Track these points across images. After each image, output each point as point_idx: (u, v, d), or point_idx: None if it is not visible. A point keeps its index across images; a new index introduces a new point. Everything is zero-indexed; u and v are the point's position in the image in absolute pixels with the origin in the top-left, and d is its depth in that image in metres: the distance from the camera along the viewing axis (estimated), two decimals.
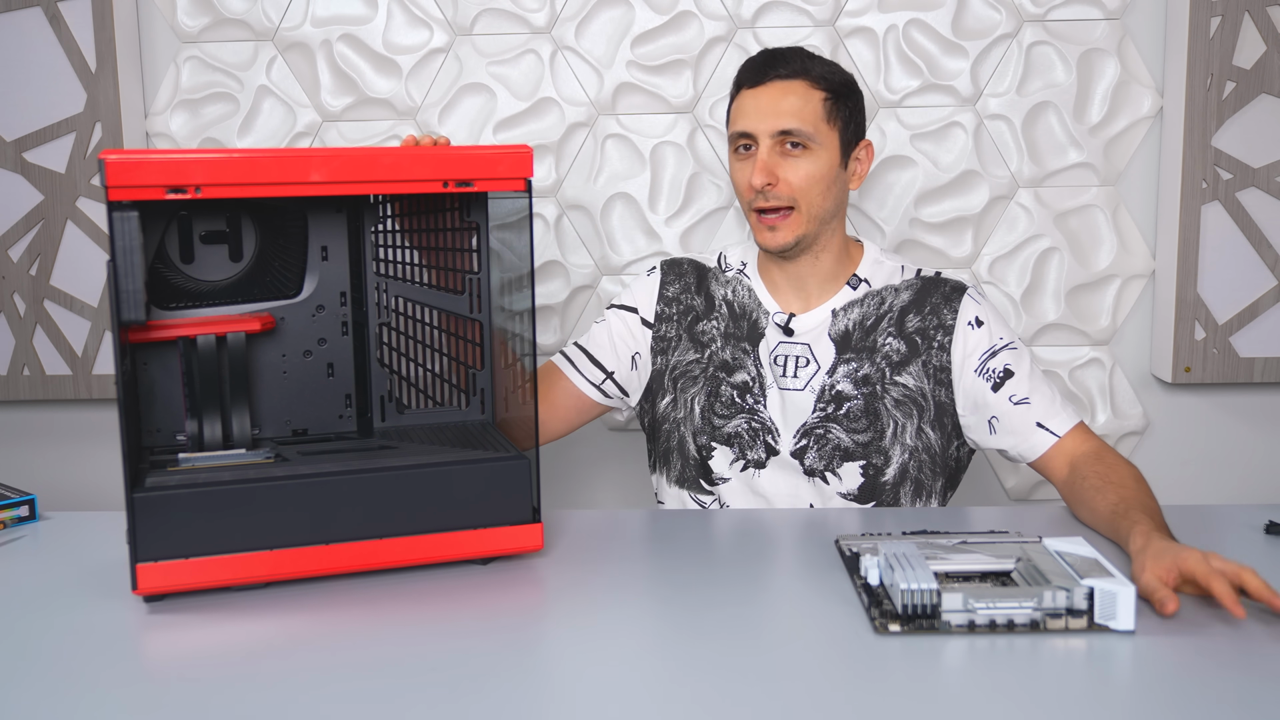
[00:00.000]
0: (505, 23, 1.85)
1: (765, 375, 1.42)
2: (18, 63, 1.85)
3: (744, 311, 1.46)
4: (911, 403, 1.39)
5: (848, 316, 1.42)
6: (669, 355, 1.48)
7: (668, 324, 1.49)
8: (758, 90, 1.38)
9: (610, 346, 1.50)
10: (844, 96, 1.39)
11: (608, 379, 1.49)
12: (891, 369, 1.39)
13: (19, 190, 1.88)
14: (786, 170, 1.36)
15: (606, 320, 1.52)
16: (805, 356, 1.41)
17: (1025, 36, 1.82)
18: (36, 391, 1.92)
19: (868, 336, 1.41)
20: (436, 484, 1.09)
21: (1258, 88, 1.78)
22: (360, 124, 1.89)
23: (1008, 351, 1.39)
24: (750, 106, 1.38)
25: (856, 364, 1.40)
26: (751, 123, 1.37)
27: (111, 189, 0.99)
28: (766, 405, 1.42)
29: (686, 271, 1.51)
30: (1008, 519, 1.28)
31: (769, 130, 1.36)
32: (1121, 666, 0.88)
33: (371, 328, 1.29)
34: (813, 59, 1.39)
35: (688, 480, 1.46)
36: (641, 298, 1.52)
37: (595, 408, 1.51)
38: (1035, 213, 1.86)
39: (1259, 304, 1.83)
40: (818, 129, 1.36)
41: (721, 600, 1.02)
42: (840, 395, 1.39)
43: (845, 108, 1.39)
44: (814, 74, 1.37)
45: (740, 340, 1.44)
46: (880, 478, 1.39)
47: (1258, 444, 1.91)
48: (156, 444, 1.22)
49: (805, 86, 1.37)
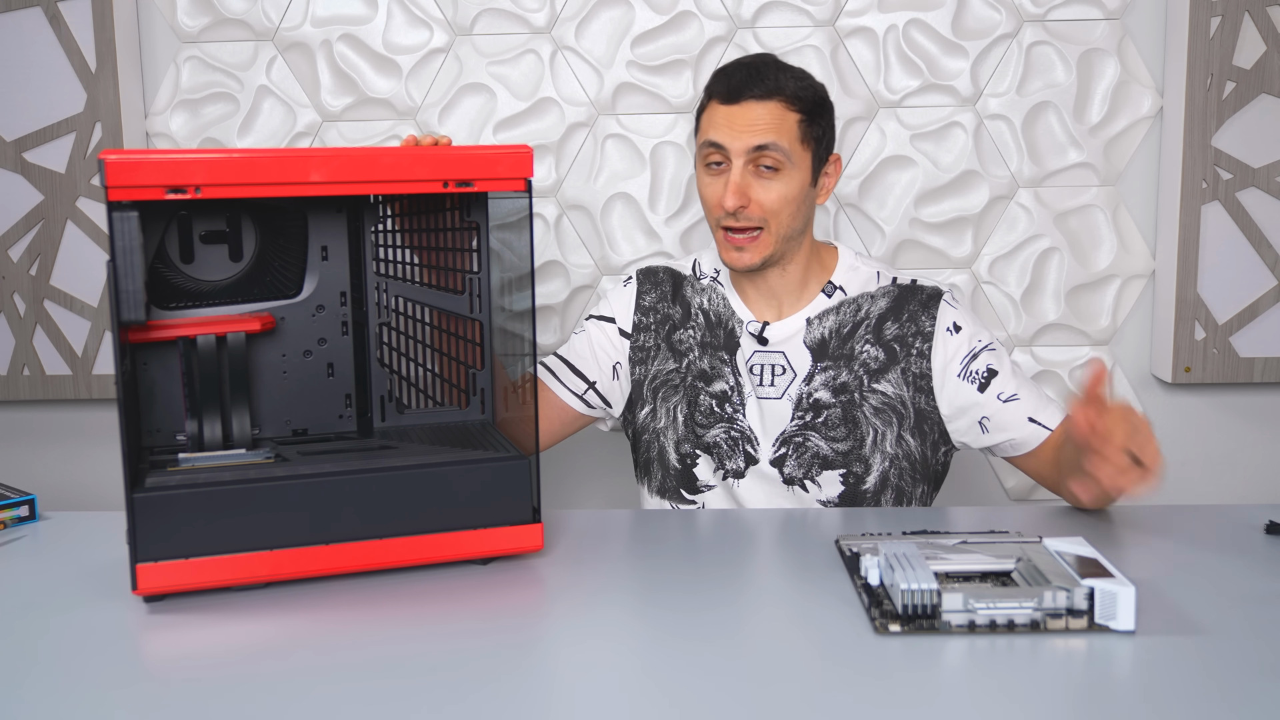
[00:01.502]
0: (505, 23, 1.85)
1: (744, 384, 1.42)
2: (18, 63, 1.85)
3: (720, 320, 1.45)
4: (891, 410, 1.39)
5: (823, 324, 1.41)
6: (648, 365, 1.47)
7: (646, 334, 1.48)
8: (732, 109, 1.35)
9: (591, 356, 1.49)
10: (817, 115, 1.38)
11: (590, 389, 1.48)
12: (870, 376, 1.39)
13: (19, 190, 1.88)
14: (758, 192, 1.35)
15: (586, 330, 1.50)
16: (781, 365, 1.41)
17: (1025, 36, 1.82)
18: (36, 391, 1.92)
19: (845, 344, 1.40)
20: (436, 484, 1.09)
21: (1258, 88, 1.78)
22: (360, 124, 1.89)
23: (987, 353, 1.40)
24: (723, 121, 1.36)
25: (834, 372, 1.40)
26: (724, 137, 1.35)
27: (111, 189, 0.99)
28: (745, 414, 1.41)
29: (662, 280, 1.50)
30: (1007, 519, 1.28)
31: (743, 148, 1.34)
32: (1121, 666, 0.88)
33: (371, 328, 1.29)
34: (786, 73, 1.36)
35: (669, 490, 1.46)
36: (619, 308, 1.50)
37: (579, 419, 1.50)
38: (1035, 213, 1.86)
39: (1259, 304, 1.83)
40: (792, 149, 1.35)
41: (722, 600, 1.02)
42: (818, 403, 1.39)
43: (819, 126, 1.38)
44: (788, 92, 1.35)
45: (717, 349, 1.44)
46: (861, 486, 1.39)
47: (1258, 444, 1.91)
48: (156, 444, 1.22)
49: (781, 108, 1.34)
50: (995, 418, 1.38)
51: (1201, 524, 1.25)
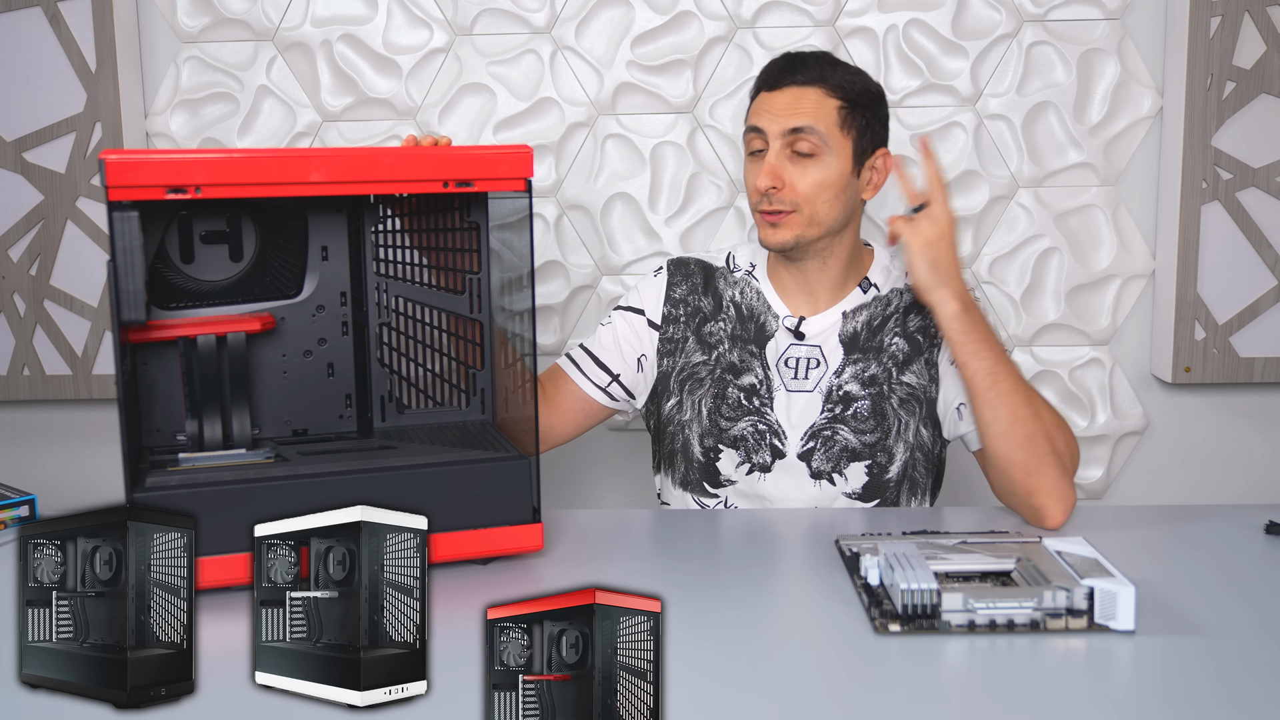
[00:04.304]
0: (505, 23, 1.85)
1: (773, 378, 1.42)
2: (18, 63, 1.85)
3: (752, 314, 1.45)
4: (915, 400, 1.39)
5: (857, 318, 1.42)
6: (676, 357, 1.47)
7: (675, 325, 1.47)
8: (773, 94, 1.37)
9: (616, 349, 1.48)
10: (862, 105, 1.37)
11: (614, 381, 1.48)
12: (897, 368, 1.39)
13: (19, 190, 1.88)
14: (793, 175, 1.35)
15: (612, 322, 1.49)
16: (816, 358, 1.41)
17: (1025, 36, 1.82)
18: (36, 391, 1.92)
19: (874, 337, 1.41)
20: (436, 484, 1.09)
21: (1258, 88, 1.78)
22: (360, 124, 1.89)
23: None
24: (764, 105, 1.38)
25: (864, 364, 1.40)
26: (763, 120, 1.37)
27: (111, 189, 0.99)
28: (774, 408, 1.41)
29: (694, 271, 1.49)
30: (1007, 519, 1.28)
31: (779, 129, 1.35)
32: (1121, 666, 0.88)
33: (371, 328, 1.29)
34: (834, 66, 1.37)
35: (691, 483, 1.45)
36: (648, 299, 1.49)
37: (602, 411, 1.50)
38: (1035, 213, 1.86)
39: (1259, 304, 1.83)
40: (830, 134, 1.34)
41: (722, 600, 1.02)
42: (848, 396, 1.39)
43: (862, 117, 1.37)
44: (831, 81, 1.35)
45: (748, 343, 1.44)
46: (884, 475, 1.39)
47: (1258, 444, 1.91)
48: (156, 444, 1.22)
49: (821, 93, 1.35)
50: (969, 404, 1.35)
51: (1201, 524, 1.25)
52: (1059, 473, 1.25)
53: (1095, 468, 1.91)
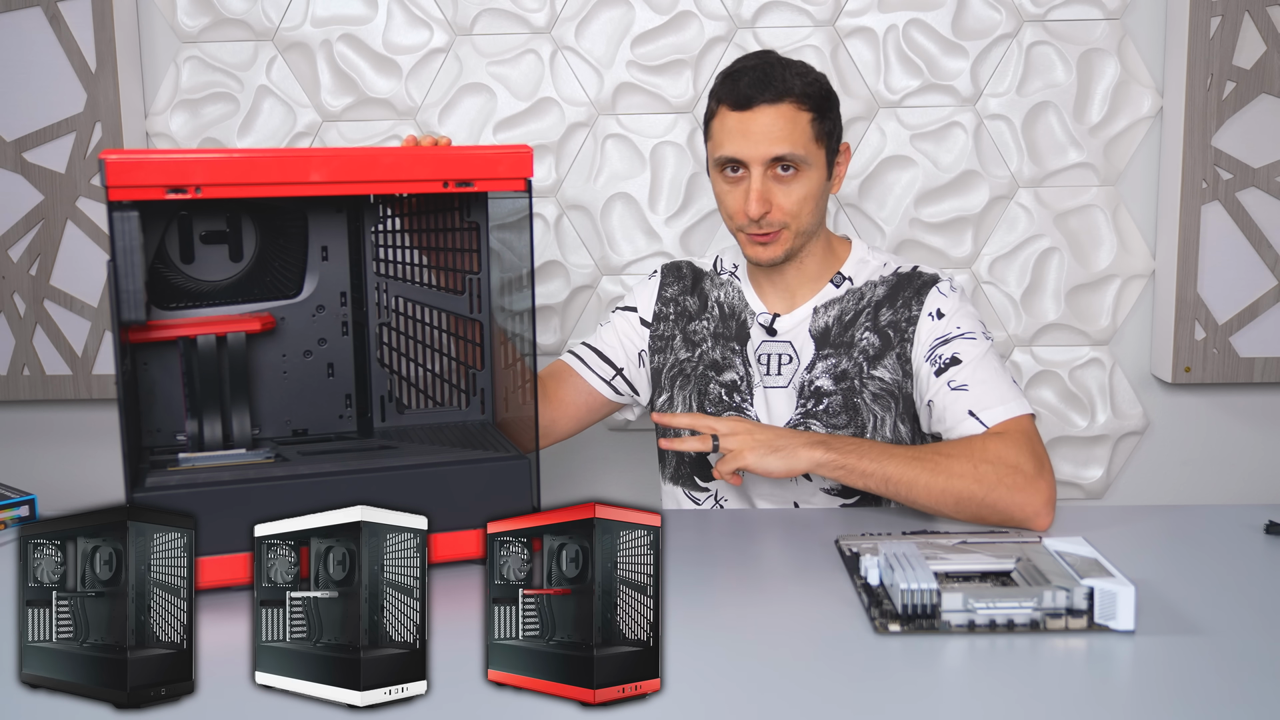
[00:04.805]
0: (505, 23, 1.85)
1: (753, 374, 1.44)
2: (18, 63, 1.85)
3: (733, 312, 1.48)
4: (889, 396, 1.39)
5: (828, 313, 1.43)
6: (665, 354, 1.51)
7: (664, 324, 1.52)
8: (744, 115, 1.35)
9: (619, 344, 1.53)
10: (825, 109, 1.38)
11: (618, 375, 1.52)
12: (868, 363, 1.40)
13: (19, 190, 1.88)
14: (780, 196, 1.36)
15: (612, 321, 1.55)
16: (788, 354, 1.43)
17: (1025, 36, 1.82)
18: (36, 391, 1.92)
19: (845, 332, 1.42)
20: (436, 484, 1.09)
21: (1258, 88, 1.78)
22: (360, 124, 1.89)
23: (962, 340, 1.36)
24: (738, 131, 1.36)
25: (834, 359, 1.41)
26: (742, 149, 1.35)
27: (111, 189, 0.99)
28: (753, 404, 1.43)
29: (685, 274, 1.54)
30: None
31: (761, 158, 1.35)
32: (1121, 666, 0.88)
33: (371, 328, 1.29)
34: (790, 71, 1.36)
35: (682, 477, 1.48)
36: (642, 299, 1.55)
37: (606, 405, 1.53)
38: (1035, 213, 1.86)
39: (1259, 304, 1.83)
40: (808, 150, 1.36)
41: (721, 600, 1.02)
42: (819, 391, 1.40)
43: (829, 121, 1.38)
44: (797, 91, 1.35)
45: (729, 340, 1.47)
46: None
47: (1258, 444, 1.91)
48: (156, 444, 1.22)
49: (792, 109, 1.35)
50: (937, 403, 1.34)
51: (1201, 524, 1.25)
52: (1011, 492, 1.21)
53: (1095, 468, 1.91)
